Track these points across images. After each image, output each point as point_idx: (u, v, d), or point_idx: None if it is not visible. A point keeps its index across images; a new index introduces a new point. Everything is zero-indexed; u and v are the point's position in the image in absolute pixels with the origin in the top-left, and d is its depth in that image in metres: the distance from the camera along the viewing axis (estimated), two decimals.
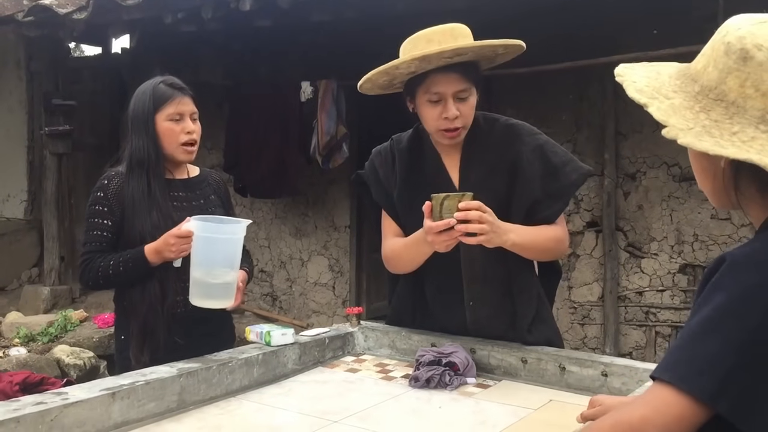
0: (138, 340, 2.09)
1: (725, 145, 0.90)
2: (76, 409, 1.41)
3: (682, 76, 1.02)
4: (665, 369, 0.91)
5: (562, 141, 4.93)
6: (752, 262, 0.91)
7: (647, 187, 4.82)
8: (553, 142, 2.01)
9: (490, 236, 1.74)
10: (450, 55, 1.79)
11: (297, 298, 6.31)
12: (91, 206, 2.17)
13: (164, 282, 2.11)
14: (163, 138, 2.14)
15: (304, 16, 4.77)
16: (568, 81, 4.94)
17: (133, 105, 2.17)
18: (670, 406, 0.88)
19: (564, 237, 1.98)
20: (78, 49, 9.54)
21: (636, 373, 1.67)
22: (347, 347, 2.09)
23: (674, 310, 4.73)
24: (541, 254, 1.97)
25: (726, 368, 0.86)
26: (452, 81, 1.83)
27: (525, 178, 1.92)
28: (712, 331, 0.88)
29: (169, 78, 2.21)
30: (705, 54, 1.00)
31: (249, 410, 1.62)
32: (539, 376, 1.80)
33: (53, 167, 6.39)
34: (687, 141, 0.92)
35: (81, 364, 4.84)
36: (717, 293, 0.90)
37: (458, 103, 1.85)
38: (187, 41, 5.72)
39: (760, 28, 0.94)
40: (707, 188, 1.05)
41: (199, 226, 1.94)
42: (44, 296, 6.22)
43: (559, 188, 1.94)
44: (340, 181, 6.02)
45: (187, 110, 2.18)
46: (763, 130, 0.90)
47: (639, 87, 1.00)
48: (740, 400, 0.86)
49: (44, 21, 5.45)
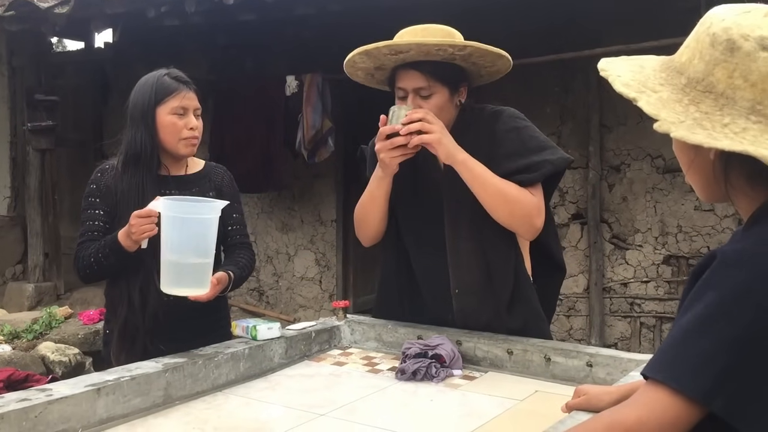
0: (117, 344, 2.06)
1: (718, 137, 0.89)
2: (61, 405, 1.40)
3: (667, 68, 1.00)
4: (658, 368, 0.90)
5: (547, 133, 4.91)
6: (743, 259, 0.90)
7: (631, 179, 4.85)
8: (537, 129, 1.98)
9: (438, 135, 1.80)
10: (387, 51, 1.84)
11: (284, 293, 6.30)
12: (85, 198, 2.13)
13: (146, 285, 2.03)
14: (164, 132, 2.07)
15: (289, 10, 4.75)
16: (553, 73, 4.95)
17: (133, 96, 2.10)
18: (666, 407, 0.87)
19: (527, 203, 1.87)
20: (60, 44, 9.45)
21: (620, 363, 1.68)
22: (334, 341, 2.09)
23: (659, 301, 4.77)
24: (495, 203, 1.86)
25: (720, 367, 0.85)
26: (413, 78, 1.88)
27: (496, 155, 1.91)
28: (704, 330, 0.87)
29: (175, 71, 2.13)
30: (689, 46, 0.99)
31: (236, 405, 1.62)
32: (525, 368, 1.81)
33: (36, 163, 6.33)
34: (680, 134, 0.90)
35: (66, 360, 4.80)
36: (708, 291, 0.89)
37: (421, 100, 1.88)
38: (170, 35, 5.68)
39: (745, 17, 0.93)
40: (696, 181, 1.03)
41: (166, 205, 1.81)
42: (28, 293, 6.17)
43: (530, 164, 1.90)
44: (326, 176, 6.01)
45: (192, 105, 2.10)
46: (754, 121, 0.90)
47: (625, 81, 0.98)
48: (735, 399, 0.85)
49: (26, 15, 5.39)
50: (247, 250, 2.25)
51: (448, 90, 1.90)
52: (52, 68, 6.68)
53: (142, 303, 2.05)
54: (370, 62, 1.93)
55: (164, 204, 1.82)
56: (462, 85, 1.94)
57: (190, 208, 1.82)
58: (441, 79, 1.88)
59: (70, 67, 7.07)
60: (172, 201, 1.83)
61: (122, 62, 6.46)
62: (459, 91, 1.94)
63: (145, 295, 2.04)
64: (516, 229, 1.93)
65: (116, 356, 2.05)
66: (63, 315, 5.60)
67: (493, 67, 1.97)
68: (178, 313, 2.04)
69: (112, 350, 2.07)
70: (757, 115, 0.90)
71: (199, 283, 1.86)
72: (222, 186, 2.25)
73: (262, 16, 4.89)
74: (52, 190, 6.40)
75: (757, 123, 0.89)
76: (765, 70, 0.90)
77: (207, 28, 5.46)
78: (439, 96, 1.89)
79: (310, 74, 5.40)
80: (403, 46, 1.82)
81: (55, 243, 6.44)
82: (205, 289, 1.89)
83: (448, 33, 1.89)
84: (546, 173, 1.90)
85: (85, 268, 2.07)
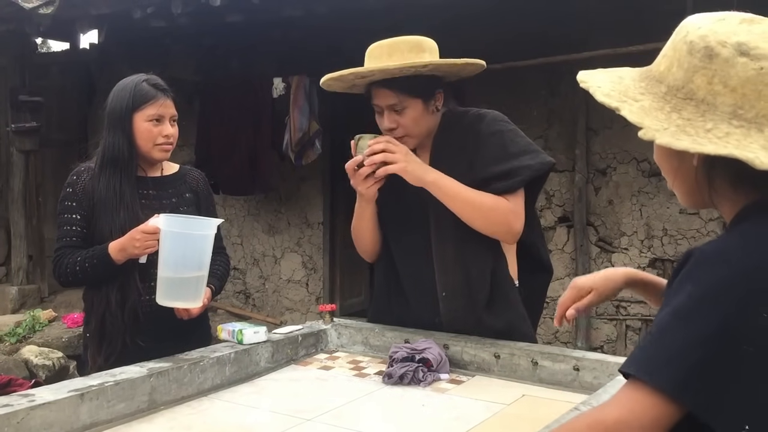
0: (94, 341, 2.06)
1: (702, 142, 0.90)
2: (43, 411, 1.38)
3: (645, 78, 1.02)
4: (632, 362, 0.91)
5: (533, 137, 4.95)
6: (720, 256, 0.91)
7: (617, 183, 4.87)
8: (521, 133, 1.99)
9: (402, 164, 1.83)
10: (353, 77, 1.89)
11: (270, 296, 6.27)
12: (61, 202, 2.14)
13: (126, 284, 2.06)
14: (139, 137, 2.10)
15: (275, 12, 4.74)
16: (540, 77, 4.97)
17: (111, 100, 2.12)
18: (646, 406, 0.87)
19: (504, 210, 1.88)
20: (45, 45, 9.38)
21: (607, 367, 1.68)
22: (320, 344, 2.08)
23: (644, 304, 4.79)
24: (469, 215, 1.89)
25: (692, 361, 0.86)
26: (384, 96, 1.92)
27: (479, 158, 1.93)
28: (679, 324, 0.88)
29: (154, 78, 2.15)
30: (666, 55, 1.00)
31: (221, 410, 1.61)
32: (512, 371, 1.81)
33: (20, 164, 6.28)
34: (665, 141, 0.91)
35: (50, 364, 4.76)
36: (685, 286, 0.90)
37: (395, 115, 1.92)
38: (156, 36, 5.65)
39: (721, 25, 0.95)
40: (679, 188, 1.04)
41: (167, 222, 1.91)
42: (12, 296, 6.12)
43: (512, 169, 1.91)
44: (313, 178, 6.00)
45: (168, 113, 2.13)
46: (736, 126, 0.91)
47: (605, 91, 1.00)
48: (707, 394, 0.85)
49: (9, 15, 5.35)
50: (222, 256, 2.30)
51: (422, 101, 1.93)
52: (36, 69, 6.63)
53: (122, 300, 2.06)
54: (343, 85, 1.99)
55: (165, 220, 1.91)
56: (437, 92, 1.96)
57: (189, 226, 1.92)
58: (411, 92, 1.90)
59: (55, 68, 7.02)
60: (173, 218, 1.93)
61: (108, 63, 6.42)
62: (434, 98, 1.96)
63: (125, 292, 2.06)
64: (496, 235, 1.96)
65: (95, 352, 2.05)
66: (47, 318, 5.55)
67: (464, 71, 1.99)
68: (158, 312, 2.05)
69: (89, 345, 2.07)
70: (738, 120, 0.91)
71: (193, 296, 1.96)
72: (198, 189, 2.29)
73: (249, 17, 4.87)
74: (36, 191, 6.35)
75: (740, 127, 0.91)
76: (744, 75, 0.91)
77: (193, 29, 5.44)
78: (412, 109, 1.92)
79: (297, 76, 5.39)
80: (366, 72, 1.87)
81: (39, 245, 6.39)
82: (199, 302, 1.99)
83: (415, 45, 1.90)
84: (525, 179, 1.91)
85: (68, 275, 2.08)
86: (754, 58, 0.91)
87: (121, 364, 1.70)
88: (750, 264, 0.89)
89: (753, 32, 0.94)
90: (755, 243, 0.92)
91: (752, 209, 0.96)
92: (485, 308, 1.96)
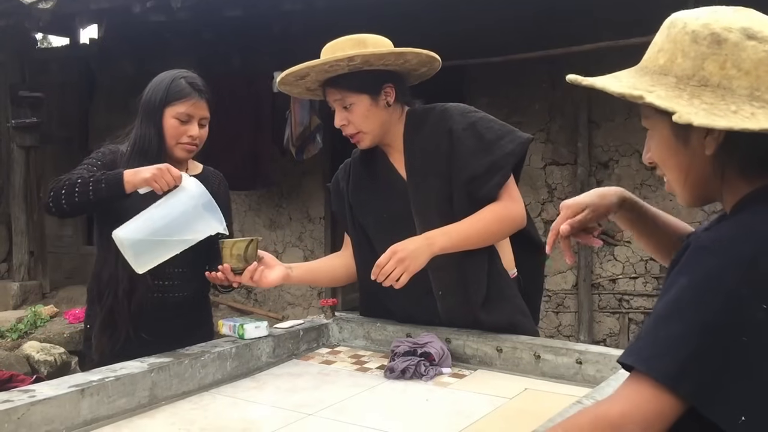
0: (100, 329, 2.05)
1: (738, 121, 0.89)
2: (44, 406, 1.37)
3: (646, 74, 1.00)
4: (629, 353, 0.91)
5: (535, 130, 4.95)
6: (716, 246, 0.91)
7: (620, 175, 4.86)
8: (490, 117, 1.99)
9: (412, 263, 1.80)
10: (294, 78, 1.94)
11: (272, 290, 6.27)
12: (84, 162, 2.07)
13: (137, 276, 2.00)
14: (165, 133, 2.07)
15: (275, 6, 4.73)
16: (541, 70, 4.95)
17: (147, 91, 2.09)
18: (648, 399, 0.87)
19: (508, 213, 1.92)
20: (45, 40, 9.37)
21: (610, 360, 1.67)
22: (322, 339, 2.07)
23: (647, 297, 4.79)
24: (487, 240, 1.93)
25: (688, 351, 0.86)
26: (330, 93, 1.95)
27: (458, 156, 1.92)
28: (675, 314, 0.88)
29: (192, 76, 2.11)
30: (664, 49, 0.99)
31: (222, 404, 1.60)
32: (514, 365, 1.80)
33: (21, 160, 6.28)
34: (704, 122, 0.89)
35: (51, 360, 4.77)
36: (681, 276, 0.90)
37: (345, 111, 1.94)
38: (156, 31, 5.64)
39: (718, 13, 0.96)
40: (684, 182, 1.02)
41: (192, 183, 1.88)
42: (13, 292, 6.12)
43: (496, 161, 1.91)
44: (314, 173, 5.99)
45: (198, 114, 2.09)
46: (758, 107, 0.90)
47: (617, 86, 0.98)
48: (702, 384, 0.85)
49: (9, 11, 5.34)
50: None
51: (368, 96, 1.92)
52: (36, 64, 6.62)
53: (130, 290, 2.03)
54: (294, 89, 2.02)
55: (192, 181, 1.89)
56: (384, 86, 1.94)
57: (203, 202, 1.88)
58: (354, 88, 1.91)
59: (55, 64, 7.02)
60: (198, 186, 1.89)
61: (108, 58, 6.41)
62: (383, 93, 1.94)
63: (135, 283, 2.02)
64: (512, 233, 1.99)
65: (98, 341, 2.04)
66: (48, 314, 5.56)
67: (419, 70, 1.98)
68: (164, 308, 2.04)
69: (94, 335, 2.06)
70: (758, 101, 0.91)
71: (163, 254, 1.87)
72: (219, 192, 2.23)
73: (249, 11, 4.86)
74: (37, 187, 6.34)
75: (761, 108, 0.90)
76: (756, 57, 0.92)
77: (193, 23, 5.42)
78: (359, 104, 1.92)
79: None
80: (299, 71, 1.90)
81: (41, 241, 6.39)
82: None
83: (358, 42, 1.90)
84: (510, 167, 1.93)
85: (62, 188, 1.94)
86: (762, 41, 0.92)
87: (124, 356, 1.69)
88: (744, 253, 0.88)
89: (752, 18, 0.95)
90: (750, 232, 0.91)
91: (752, 198, 0.96)
92: (482, 307, 1.94)
